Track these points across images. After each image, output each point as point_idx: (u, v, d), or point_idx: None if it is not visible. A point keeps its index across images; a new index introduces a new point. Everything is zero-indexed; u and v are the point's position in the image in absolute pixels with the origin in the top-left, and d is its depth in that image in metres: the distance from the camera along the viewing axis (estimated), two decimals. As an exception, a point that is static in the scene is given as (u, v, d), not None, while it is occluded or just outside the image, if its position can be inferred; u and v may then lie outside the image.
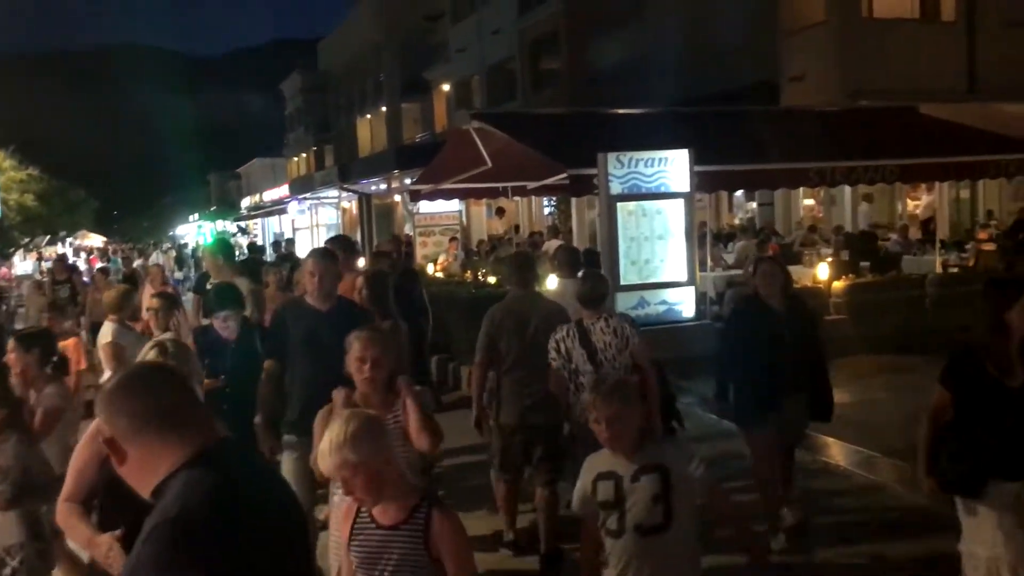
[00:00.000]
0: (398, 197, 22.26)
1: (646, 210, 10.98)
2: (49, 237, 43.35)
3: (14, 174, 34.12)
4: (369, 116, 43.95)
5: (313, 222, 29.13)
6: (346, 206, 28.15)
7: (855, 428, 7.42)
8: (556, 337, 5.16)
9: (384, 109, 41.24)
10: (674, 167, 10.94)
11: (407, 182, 18.07)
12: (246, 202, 52.77)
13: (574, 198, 15.19)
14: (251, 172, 68.93)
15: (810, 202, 20.63)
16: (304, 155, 57.51)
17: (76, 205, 42.77)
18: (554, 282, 7.65)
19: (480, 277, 13.95)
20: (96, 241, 51.96)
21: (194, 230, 50.81)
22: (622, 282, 10.77)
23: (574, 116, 15.24)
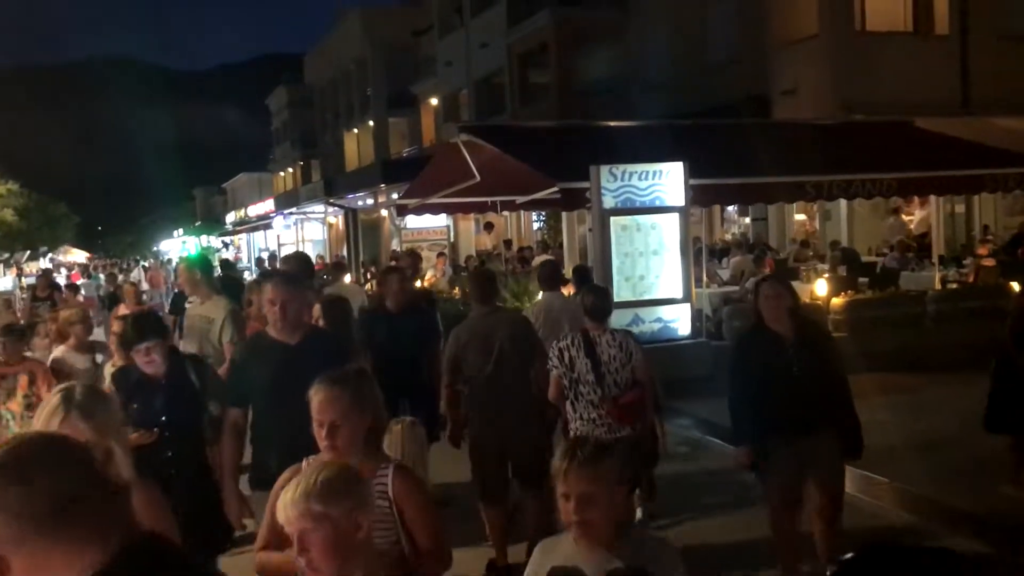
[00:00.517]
0: (385, 212, 21.90)
1: (640, 225, 10.66)
2: (29, 252, 42.79)
3: (-6, 189, 33.64)
4: (356, 130, 43.62)
5: (299, 237, 28.77)
6: (332, 221, 27.79)
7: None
8: (560, 345, 5.20)
9: (371, 123, 40.93)
10: (669, 180, 10.63)
11: (394, 196, 17.73)
12: (231, 217, 52.32)
13: (564, 213, 14.90)
14: (237, 187, 68.57)
15: (802, 217, 20.40)
16: (290, 170, 57.14)
17: (57, 220, 42.25)
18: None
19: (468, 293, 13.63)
20: (79, 257, 51.43)
21: (178, 246, 50.33)
22: (616, 299, 10.38)
23: (565, 129, 14.93)
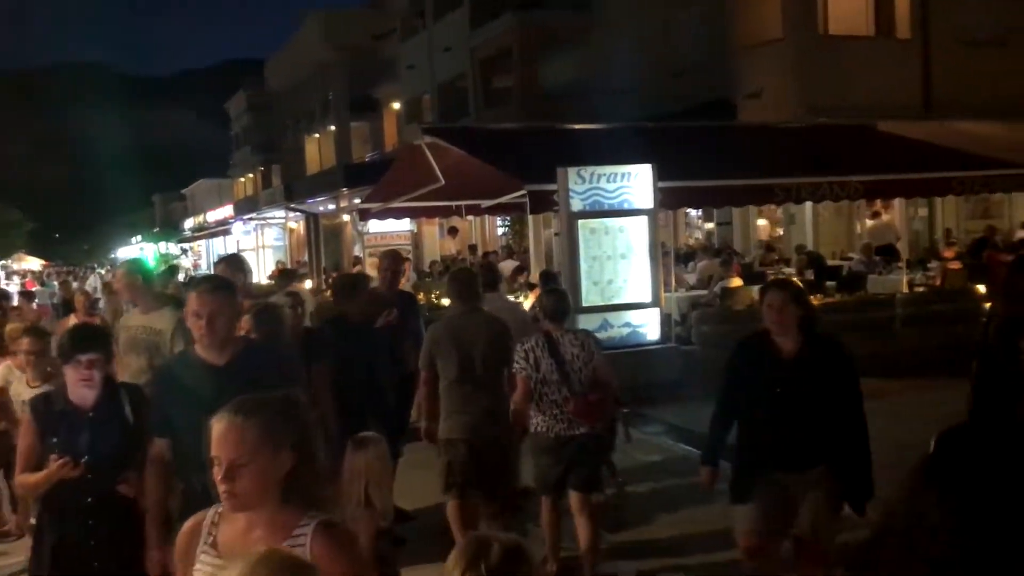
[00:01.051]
0: (347, 217, 21.53)
1: (608, 228, 10.46)
2: (-20, 260, 41.73)
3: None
4: (317, 135, 43.12)
5: (259, 243, 28.25)
6: (293, 226, 27.33)
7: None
8: (525, 347, 5.30)
9: (332, 128, 40.48)
10: (637, 182, 10.45)
11: (356, 201, 17.40)
12: (189, 223, 51.47)
13: (530, 217, 14.69)
14: (196, 193, 67.55)
15: (764, 222, 20.41)
16: (250, 175, 56.42)
17: (9, 227, 41.24)
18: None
19: (434, 299, 13.39)
20: (34, 264, 50.28)
21: (136, 252, 49.40)
22: (584, 303, 10.21)
23: (531, 131, 14.72)
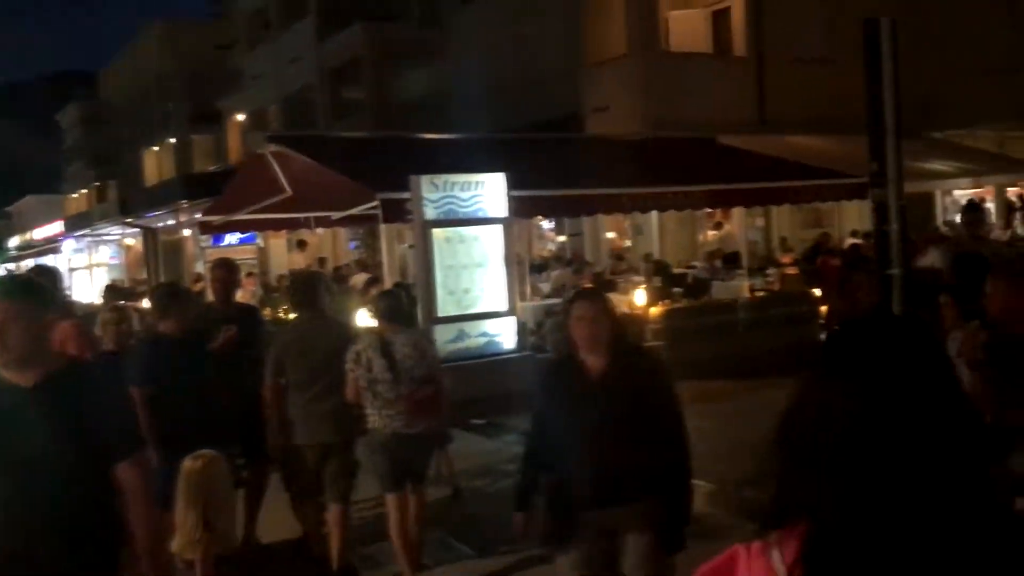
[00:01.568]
0: (188, 232, 20.56)
1: (463, 237, 10.36)
2: None
3: None
4: (156, 149, 41.18)
5: (92, 261, 26.63)
6: (130, 243, 25.90)
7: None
8: (357, 348, 5.37)
9: (173, 141, 38.76)
10: (490, 191, 10.42)
11: (197, 215, 16.61)
12: (15, 241, 48.07)
13: (383, 230, 14.42)
14: (23, 210, 63.24)
15: (612, 235, 20.90)
16: (84, 191, 53.35)
17: None
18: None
19: (282, 314, 12.88)
20: None
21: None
22: (440, 313, 10.06)
23: (383, 140, 14.51)
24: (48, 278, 5.58)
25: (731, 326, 12.12)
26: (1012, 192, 20.72)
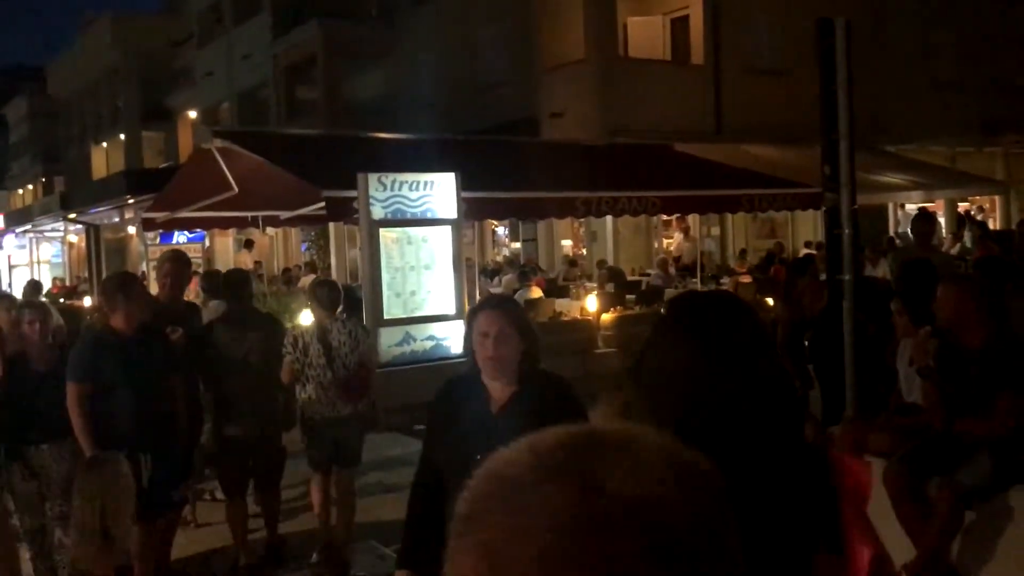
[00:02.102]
0: (132, 229, 19.99)
1: (411, 237, 10.09)
2: None
3: None
4: (105, 144, 40.21)
5: (33, 258, 25.81)
6: (73, 240, 25.15)
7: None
8: (295, 333, 5.65)
9: (122, 137, 37.86)
10: (440, 191, 10.16)
11: (142, 214, 16.09)
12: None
13: (332, 232, 14.10)
14: (-35, 206, 61.60)
15: (568, 242, 20.79)
16: (31, 187, 52.01)
17: None
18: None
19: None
20: None
21: None
22: (386, 315, 9.77)
23: (332, 139, 14.18)
24: None
25: (683, 333, 12.00)
26: (963, 207, 21.03)
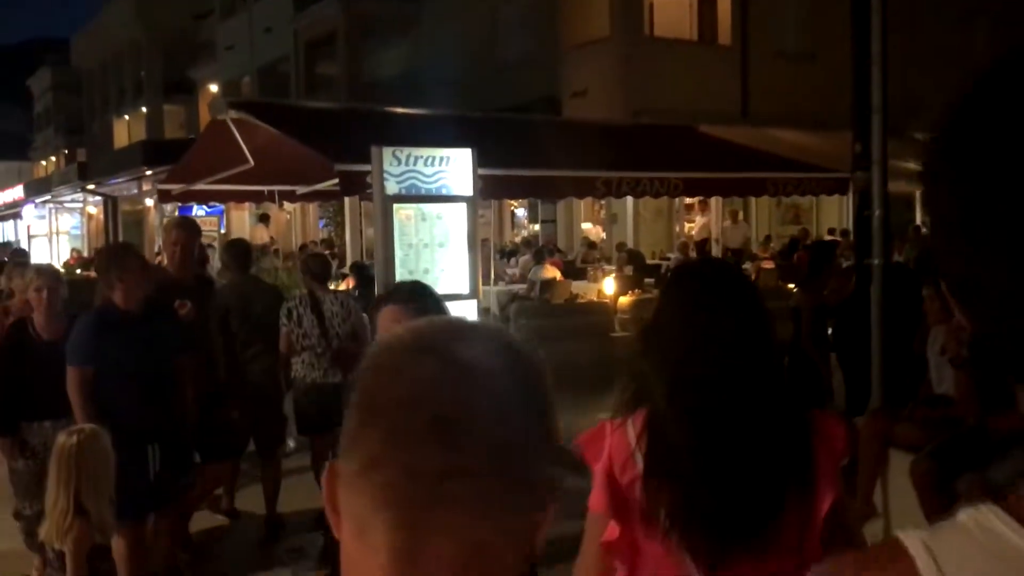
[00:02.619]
0: (150, 201, 19.91)
1: (426, 214, 9.82)
2: None
3: None
4: (127, 117, 40.25)
5: (52, 228, 25.81)
6: (92, 211, 25.14)
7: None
8: (289, 304, 5.88)
9: (144, 110, 37.87)
10: (456, 168, 9.87)
11: (157, 185, 15.98)
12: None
13: (348, 208, 13.91)
14: (-9, 176, 62.01)
15: (588, 225, 20.50)
16: (53, 158, 52.25)
17: None
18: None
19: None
20: None
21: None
22: (398, 293, 9.57)
23: (349, 112, 13.94)
24: None
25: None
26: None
